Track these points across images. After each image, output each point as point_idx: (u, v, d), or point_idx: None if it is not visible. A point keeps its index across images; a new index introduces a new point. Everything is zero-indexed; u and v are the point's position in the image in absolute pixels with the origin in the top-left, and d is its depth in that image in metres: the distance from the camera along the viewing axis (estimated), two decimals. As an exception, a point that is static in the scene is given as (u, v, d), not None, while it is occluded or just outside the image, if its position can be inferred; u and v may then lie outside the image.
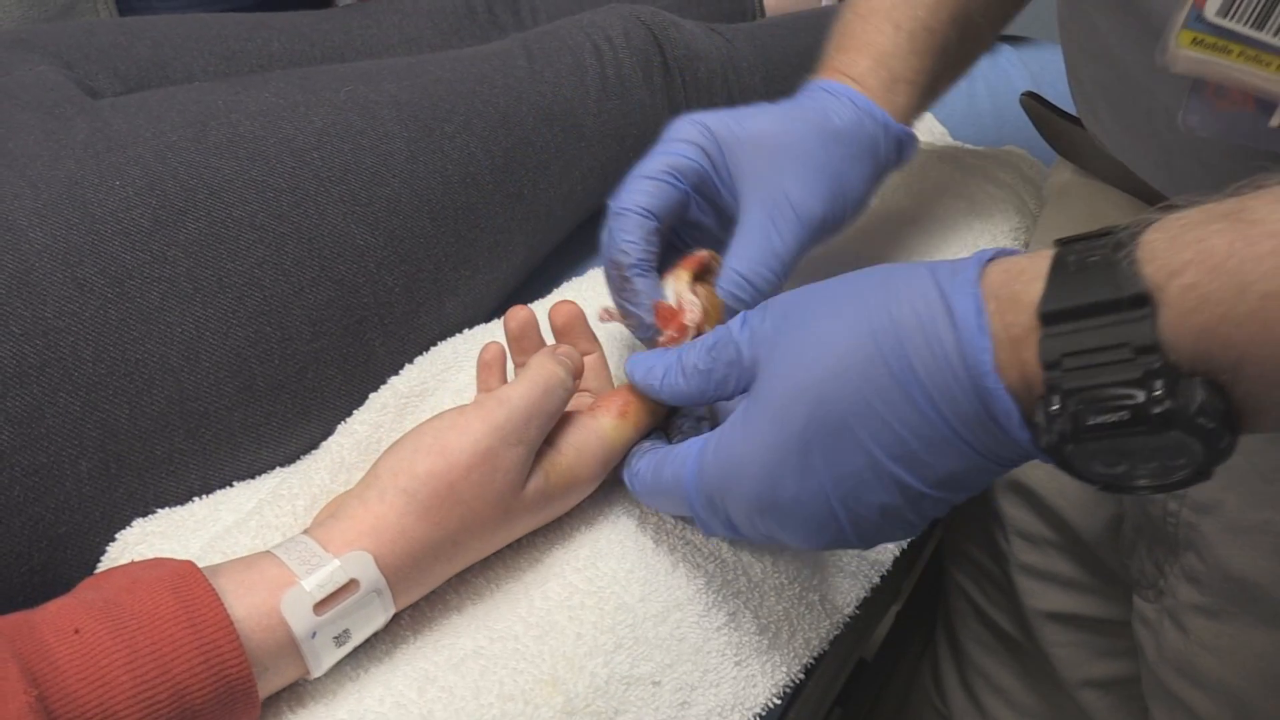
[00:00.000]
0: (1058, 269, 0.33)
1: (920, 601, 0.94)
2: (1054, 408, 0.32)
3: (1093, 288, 0.31)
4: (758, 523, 0.40)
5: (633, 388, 0.47)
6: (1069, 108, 0.64)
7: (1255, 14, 0.38)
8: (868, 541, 0.39)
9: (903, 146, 0.56)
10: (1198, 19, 0.39)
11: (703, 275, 0.51)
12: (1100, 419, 0.31)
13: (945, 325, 0.34)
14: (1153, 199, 0.57)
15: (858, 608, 0.52)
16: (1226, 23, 0.38)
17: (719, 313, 0.49)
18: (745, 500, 0.39)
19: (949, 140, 0.87)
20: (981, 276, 0.35)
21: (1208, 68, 0.39)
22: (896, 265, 0.38)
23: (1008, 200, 0.72)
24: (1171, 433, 0.30)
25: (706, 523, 0.42)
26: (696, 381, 0.42)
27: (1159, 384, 0.30)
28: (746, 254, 0.50)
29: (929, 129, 0.88)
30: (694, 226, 0.54)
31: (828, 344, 0.36)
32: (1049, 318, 0.32)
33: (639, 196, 0.50)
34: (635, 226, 0.50)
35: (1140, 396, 0.30)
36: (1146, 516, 0.58)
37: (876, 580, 0.53)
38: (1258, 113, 0.40)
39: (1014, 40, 1.07)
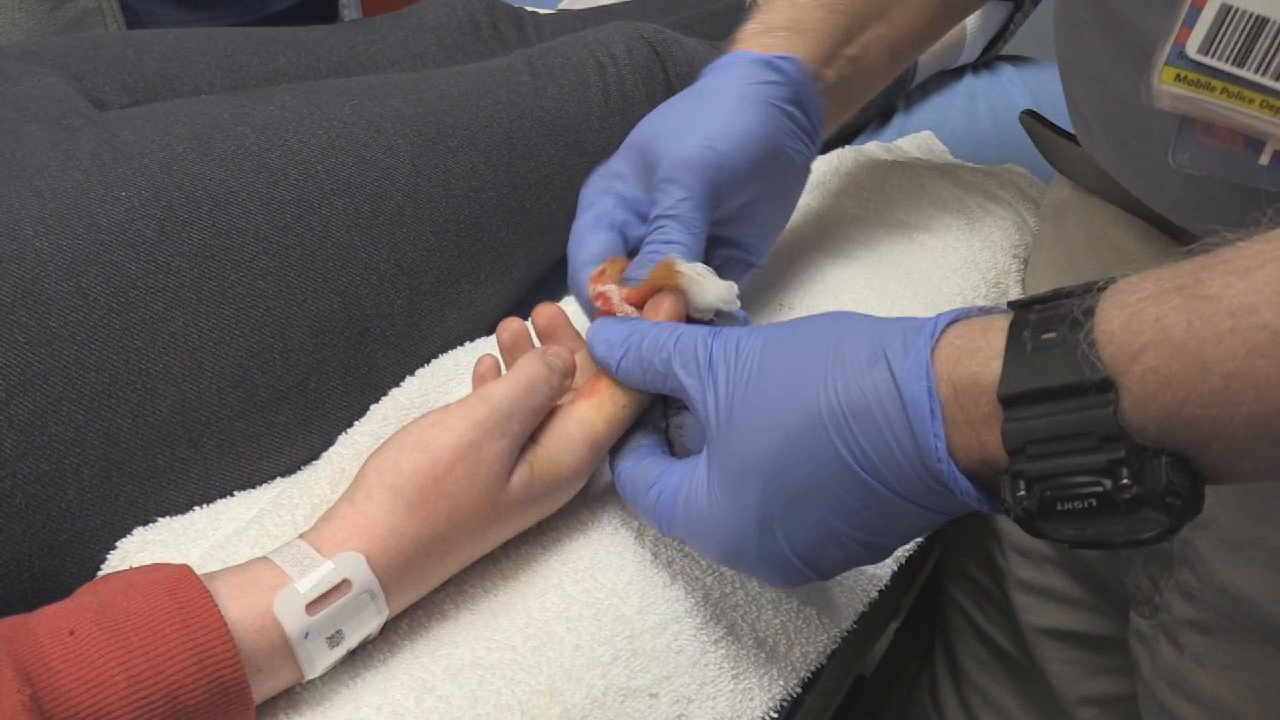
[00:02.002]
0: (1014, 348, 0.33)
1: (919, 618, 0.94)
2: (1021, 493, 0.32)
3: (1052, 372, 0.31)
4: (727, 566, 0.42)
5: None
6: (1069, 127, 0.65)
7: (1236, 51, 0.38)
8: (832, 576, 0.41)
9: (784, 72, 0.54)
10: (1180, 55, 0.39)
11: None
12: (1069, 506, 0.31)
13: (896, 410, 0.34)
14: (1150, 217, 0.58)
15: (855, 622, 0.52)
16: (1208, 59, 0.38)
17: (670, 277, 0.49)
18: (711, 554, 0.42)
19: (949, 159, 0.88)
20: (934, 352, 0.34)
21: (1192, 104, 0.39)
22: (849, 328, 0.38)
23: (1007, 217, 0.72)
24: (1140, 512, 0.30)
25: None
26: (652, 379, 0.44)
27: (1125, 472, 0.30)
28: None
29: (929, 147, 0.89)
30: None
31: (778, 422, 0.37)
32: (1009, 401, 0.32)
33: (580, 253, 0.51)
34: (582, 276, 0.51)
35: (1107, 484, 0.30)
36: None
37: (874, 595, 0.53)
38: (1247, 150, 0.40)
39: (1015, 60, 1.08)
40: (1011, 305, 0.35)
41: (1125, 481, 0.30)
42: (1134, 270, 0.32)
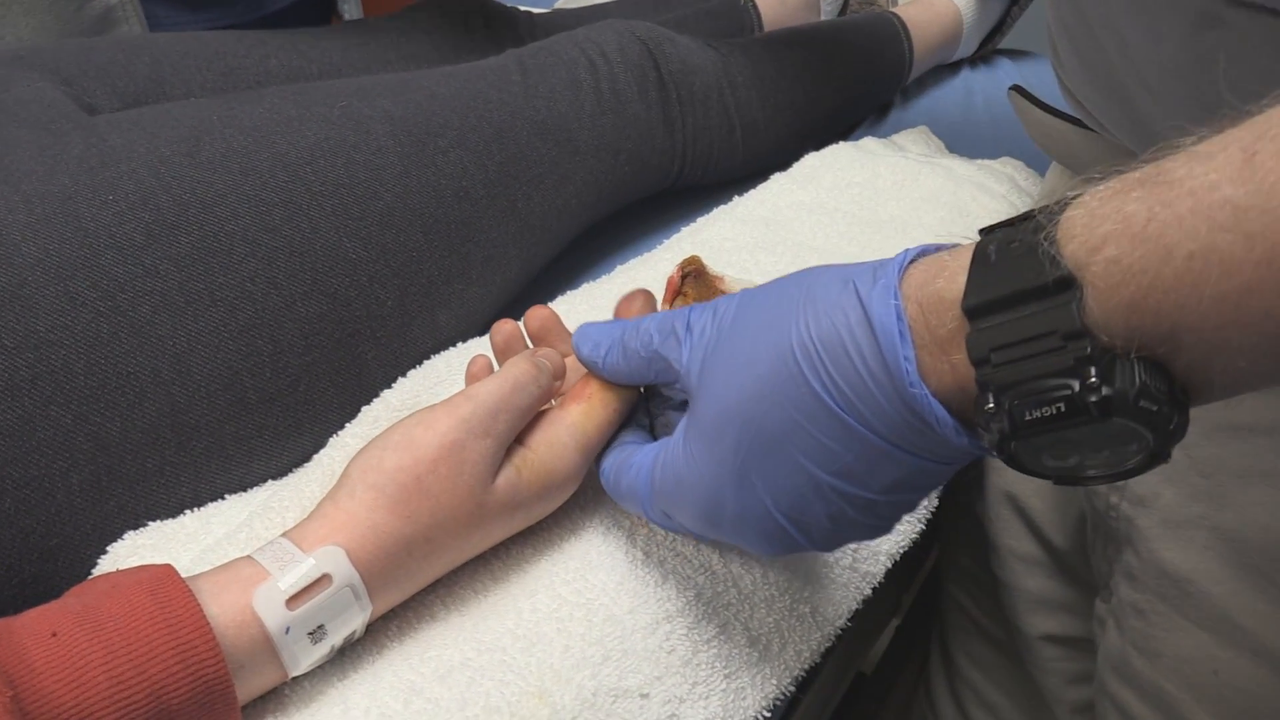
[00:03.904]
0: (979, 260, 0.31)
1: (920, 616, 0.93)
2: (989, 406, 0.30)
3: (1015, 275, 0.30)
4: (710, 534, 0.40)
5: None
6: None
7: None
8: (828, 546, 0.38)
9: None
10: None
11: (697, 277, 0.51)
12: (1037, 413, 0.29)
13: (865, 336, 0.33)
14: None
15: (850, 620, 0.52)
16: None
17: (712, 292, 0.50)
18: (693, 517, 0.40)
19: (944, 153, 0.87)
20: (902, 278, 0.33)
21: None
22: (822, 271, 0.36)
23: (1000, 210, 0.72)
24: (1114, 420, 0.29)
25: (670, 529, 0.43)
26: (637, 365, 0.43)
27: (1092, 370, 0.28)
28: None
29: (925, 141, 0.88)
30: None
31: (751, 363, 0.36)
32: (973, 312, 0.31)
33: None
34: None
35: (1075, 386, 0.29)
36: (1095, 512, 0.57)
37: (868, 592, 0.53)
38: None
39: (1012, 54, 1.08)
40: (982, 230, 0.33)
41: (1093, 380, 0.28)
42: (1101, 174, 0.30)
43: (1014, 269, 0.30)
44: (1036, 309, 0.29)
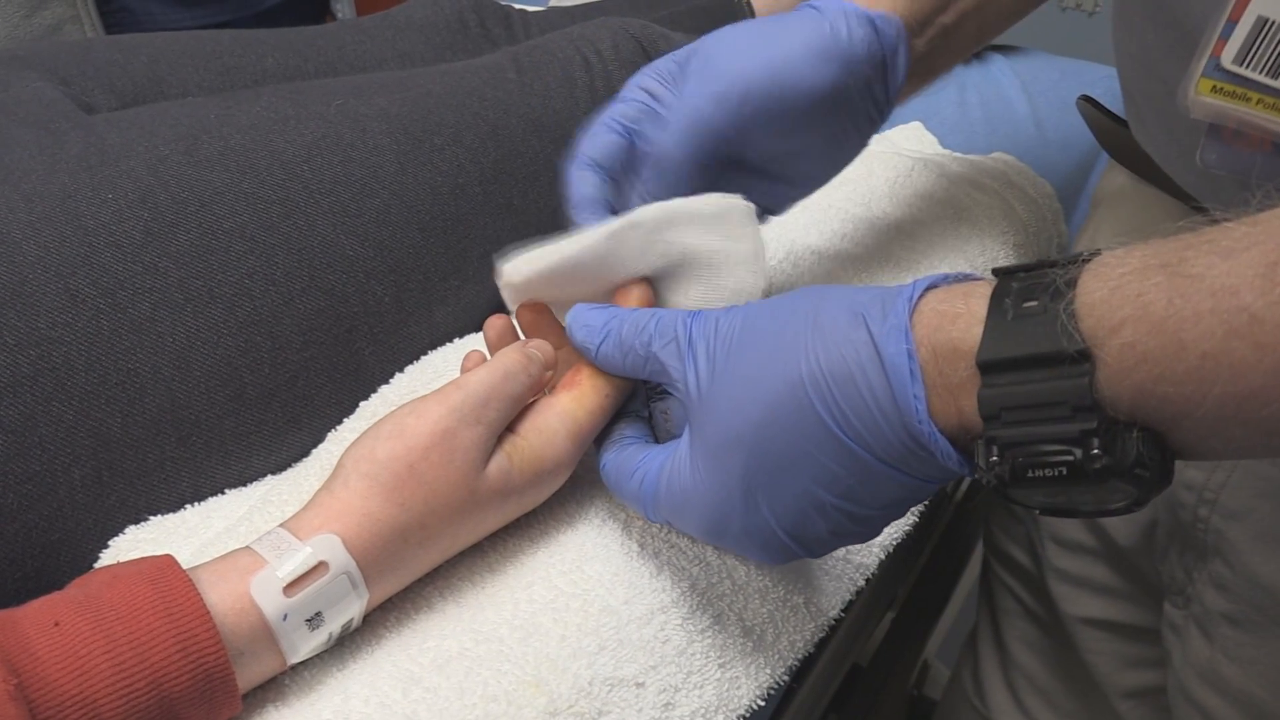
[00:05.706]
0: (995, 315, 0.33)
1: (915, 609, 0.94)
2: (993, 458, 0.32)
3: (1031, 340, 0.31)
4: (713, 544, 0.42)
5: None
6: (1073, 114, 0.65)
7: (1270, 63, 0.39)
8: (821, 554, 0.41)
9: (881, 33, 0.51)
10: (1216, 68, 0.40)
11: None
12: (1039, 473, 0.32)
13: (876, 373, 0.34)
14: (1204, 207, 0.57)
15: (845, 611, 0.53)
16: (1243, 71, 0.39)
17: None
18: (697, 530, 0.42)
19: (938, 149, 0.88)
20: (913, 316, 0.35)
21: (1227, 114, 0.40)
22: (826, 296, 0.38)
23: (994, 206, 0.72)
24: (1109, 482, 0.31)
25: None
26: (633, 362, 0.43)
27: (1096, 442, 0.30)
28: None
29: (918, 137, 0.89)
30: None
31: (758, 389, 0.37)
32: (987, 367, 0.32)
33: (581, 147, 0.52)
34: (573, 174, 0.52)
35: (1078, 454, 0.31)
36: (1177, 522, 0.58)
37: (861, 583, 0.53)
38: (1273, 153, 0.41)
39: (1005, 50, 1.08)
40: (996, 272, 0.35)
41: (1096, 452, 0.30)
42: (1119, 243, 0.32)
43: (1030, 333, 0.32)
44: (1049, 376, 0.31)
